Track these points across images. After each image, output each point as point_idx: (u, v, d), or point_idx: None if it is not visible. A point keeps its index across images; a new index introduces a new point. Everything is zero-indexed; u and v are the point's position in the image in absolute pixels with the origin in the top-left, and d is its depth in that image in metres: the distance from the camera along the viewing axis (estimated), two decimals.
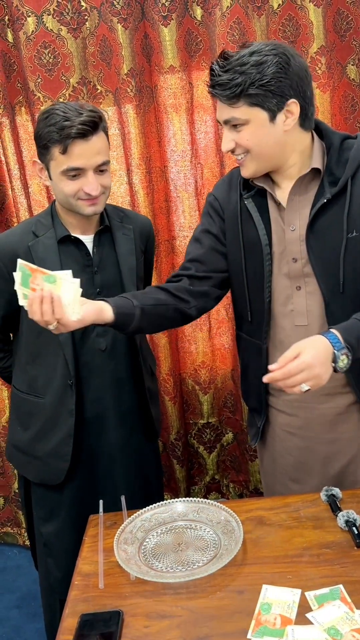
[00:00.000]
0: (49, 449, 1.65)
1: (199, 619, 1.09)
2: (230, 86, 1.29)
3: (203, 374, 2.64)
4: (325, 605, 1.09)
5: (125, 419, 1.71)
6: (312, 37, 2.23)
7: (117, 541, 1.26)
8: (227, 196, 1.54)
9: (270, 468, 1.67)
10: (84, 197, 1.53)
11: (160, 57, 2.27)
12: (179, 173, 2.43)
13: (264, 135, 1.35)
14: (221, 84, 1.30)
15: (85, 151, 1.48)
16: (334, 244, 1.40)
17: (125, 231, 1.70)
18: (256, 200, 1.47)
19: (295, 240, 1.44)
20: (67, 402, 1.62)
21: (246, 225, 1.49)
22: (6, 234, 1.66)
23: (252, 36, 2.24)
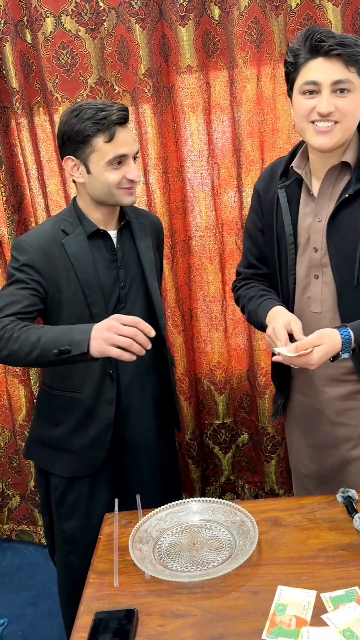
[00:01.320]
0: (87, 441, 1.65)
1: (213, 619, 1.09)
2: (353, 49, 1.33)
3: (219, 374, 2.63)
4: (341, 607, 1.08)
5: (152, 409, 1.73)
6: None
7: (132, 540, 1.27)
8: (268, 187, 1.61)
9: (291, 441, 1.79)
10: (126, 185, 1.56)
11: (177, 57, 2.27)
12: (196, 173, 2.43)
13: (356, 110, 1.40)
14: (348, 44, 1.33)
15: (127, 138, 1.54)
16: (353, 237, 1.45)
17: (141, 227, 1.73)
18: (290, 191, 1.55)
19: (319, 231, 1.50)
20: (106, 392, 1.64)
21: (279, 214, 1.57)
22: (38, 232, 1.67)
23: (270, 36, 2.23)
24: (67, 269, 1.59)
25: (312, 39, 1.35)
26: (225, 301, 2.56)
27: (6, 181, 2.41)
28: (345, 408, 1.58)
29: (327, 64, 1.35)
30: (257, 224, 1.66)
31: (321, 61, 1.35)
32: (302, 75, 1.40)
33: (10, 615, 2.32)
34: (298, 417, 1.72)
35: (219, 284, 2.54)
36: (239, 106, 2.31)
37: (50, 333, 1.41)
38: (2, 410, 2.73)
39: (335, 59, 1.34)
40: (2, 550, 2.77)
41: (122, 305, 1.65)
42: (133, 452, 1.71)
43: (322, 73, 1.36)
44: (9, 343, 1.43)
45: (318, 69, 1.36)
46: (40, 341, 1.39)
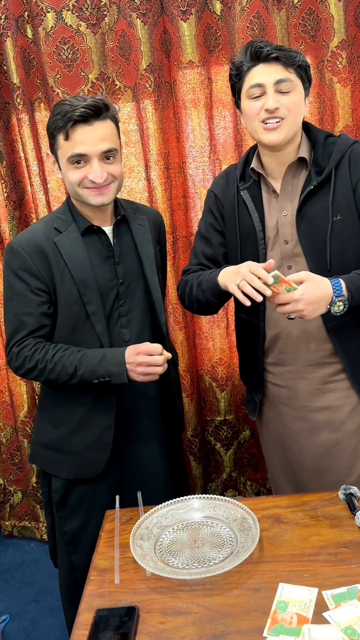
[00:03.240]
0: (88, 442, 1.63)
1: (214, 616, 1.09)
2: (291, 53, 1.51)
3: (220, 371, 2.63)
4: (342, 605, 1.08)
5: (154, 408, 1.72)
6: (332, 31, 2.20)
7: (133, 537, 1.26)
8: (225, 191, 1.71)
9: (269, 439, 1.82)
10: (89, 185, 1.52)
11: (179, 52, 2.26)
12: (198, 169, 2.42)
13: (299, 107, 1.55)
14: (284, 49, 1.51)
15: (88, 136, 1.47)
16: (321, 226, 1.56)
17: (140, 221, 1.71)
18: (251, 191, 1.65)
19: (287, 224, 1.60)
20: (107, 393, 1.61)
21: (242, 215, 1.66)
22: (30, 232, 1.65)
23: (272, 31, 2.22)
24: (60, 268, 1.57)
25: (252, 48, 1.52)
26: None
27: (7, 177, 2.40)
28: (324, 390, 1.63)
29: (268, 67, 1.51)
30: (215, 225, 1.73)
31: (262, 66, 1.52)
32: (247, 81, 1.55)
33: (12, 612, 2.32)
34: (273, 409, 1.75)
35: None
36: None
37: (86, 363, 1.53)
38: (4, 406, 2.73)
39: (275, 62, 1.51)
40: (4, 546, 2.77)
41: (122, 302, 1.63)
42: (136, 452, 1.69)
43: (264, 75, 1.51)
44: (45, 373, 1.56)
45: (261, 73, 1.52)
46: (77, 372, 1.53)
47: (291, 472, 1.73)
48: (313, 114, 2.32)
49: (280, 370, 1.71)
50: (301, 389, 1.67)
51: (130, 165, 2.38)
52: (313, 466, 1.66)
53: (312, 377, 1.65)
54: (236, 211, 1.66)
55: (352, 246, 1.57)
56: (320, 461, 1.65)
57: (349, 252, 1.56)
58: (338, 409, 1.63)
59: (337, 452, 1.63)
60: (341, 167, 1.57)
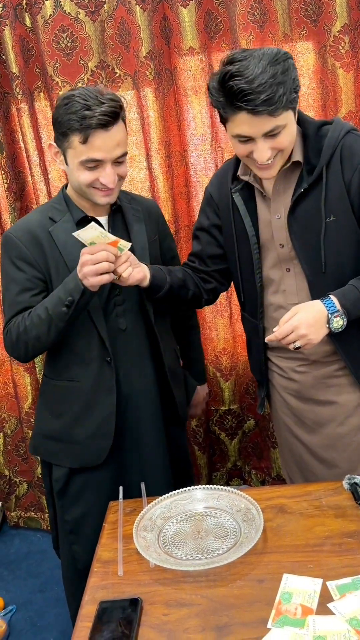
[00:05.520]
0: (90, 431, 1.63)
1: (218, 608, 1.08)
2: (275, 101, 1.30)
3: (224, 361, 2.62)
4: (347, 596, 1.07)
5: (154, 395, 1.72)
6: (335, 16, 2.17)
7: (137, 528, 1.26)
8: (220, 191, 1.65)
9: (279, 429, 1.81)
10: (99, 187, 1.53)
11: (179, 38, 2.23)
12: (199, 157, 2.39)
13: (292, 135, 1.42)
14: (266, 101, 1.30)
15: (106, 143, 1.47)
16: (314, 228, 1.49)
17: (134, 212, 1.70)
18: (243, 193, 1.58)
19: (281, 228, 1.54)
20: (106, 380, 1.62)
21: (237, 217, 1.60)
22: (25, 221, 1.66)
23: (274, 15, 2.19)
24: (55, 258, 1.58)
25: (231, 96, 1.31)
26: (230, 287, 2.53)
27: (7, 168, 2.39)
28: (330, 385, 1.61)
29: (254, 119, 1.33)
30: (204, 224, 1.70)
31: (246, 117, 1.33)
32: (231, 125, 1.39)
33: (19, 602, 2.33)
34: (279, 400, 1.74)
35: None
36: None
37: (51, 299, 1.52)
38: (8, 398, 2.73)
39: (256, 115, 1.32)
40: (10, 537, 2.79)
41: (117, 291, 1.63)
42: (137, 440, 1.70)
43: (251, 127, 1.35)
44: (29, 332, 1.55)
45: (246, 124, 1.35)
46: (49, 311, 1.51)
47: (301, 462, 1.72)
48: (316, 100, 2.29)
49: (285, 364, 1.68)
50: (306, 381, 1.64)
51: (132, 155, 2.36)
52: (320, 458, 1.65)
53: (315, 373, 1.62)
54: (231, 213, 1.61)
55: (348, 247, 1.49)
56: (326, 453, 1.64)
57: (345, 253, 1.49)
58: (343, 403, 1.61)
59: (342, 445, 1.61)
60: (332, 163, 1.46)
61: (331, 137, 1.47)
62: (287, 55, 1.35)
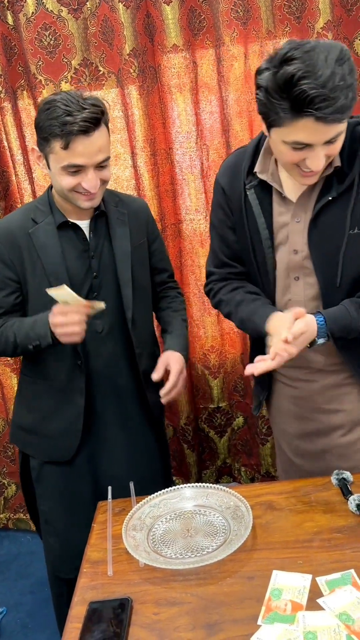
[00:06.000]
0: (60, 428, 1.67)
1: (208, 606, 1.08)
2: (348, 107, 1.17)
3: (212, 359, 2.62)
4: (337, 591, 1.07)
5: (123, 399, 1.73)
6: (318, 12, 2.17)
7: (126, 528, 1.25)
8: (232, 183, 1.50)
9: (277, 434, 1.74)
10: (82, 191, 1.53)
11: (163, 36, 2.22)
12: (184, 155, 2.39)
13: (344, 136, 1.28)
14: (340, 108, 1.15)
15: (87, 148, 1.47)
16: (336, 239, 1.39)
17: (119, 216, 1.70)
18: (258, 191, 1.44)
19: (299, 233, 1.43)
20: (76, 382, 1.65)
21: (250, 215, 1.47)
22: (6, 221, 1.66)
23: (257, 12, 2.19)
24: (33, 260, 1.59)
25: (299, 101, 1.14)
26: None
27: None
28: (338, 394, 1.55)
29: (321, 126, 1.17)
30: (226, 222, 1.54)
31: (312, 124, 1.16)
32: (286, 131, 1.21)
33: (9, 604, 2.32)
34: (285, 407, 1.66)
35: None
36: (226, 85, 2.27)
37: (21, 331, 1.57)
38: None
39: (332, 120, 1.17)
40: (0, 539, 2.77)
41: (95, 294, 1.64)
42: (108, 440, 1.72)
43: (314, 135, 1.19)
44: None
45: (310, 131, 1.18)
46: (17, 340, 1.57)
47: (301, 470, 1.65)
48: None
49: (291, 372, 1.60)
50: (312, 390, 1.57)
51: (117, 153, 2.35)
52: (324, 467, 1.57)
53: (322, 382, 1.56)
54: (244, 210, 1.46)
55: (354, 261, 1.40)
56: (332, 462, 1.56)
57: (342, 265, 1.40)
58: (352, 411, 1.55)
59: (351, 453, 1.55)
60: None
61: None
62: (348, 53, 1.18)
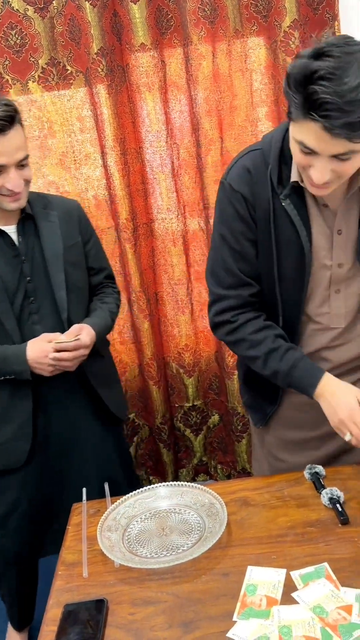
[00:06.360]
0: (9, 434, 1.66)
1: (184, 604, 1.08)
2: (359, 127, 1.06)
3: (187, 357, 2.62)
4: (311, 584, 1.08)
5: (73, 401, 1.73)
6: (284, 11, 2.19)
7: (101, 529, 1.25)
8: (255, 192, 1.32)
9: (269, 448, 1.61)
10: (6, 193, 1.52)
11: (130, 35, 2.22)
12: (155, 154, 2.39)
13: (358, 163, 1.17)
14: (349, 125, 1.04)
15: (5, 147, 1.47)
16: None
17: (49, 217, 1.68)
18: (294, 200, 1.30)
19: (343, 245, 1.33)
20: (21, 387, 1.64)
21: (281, 226, 1.31)
22: None
23: (224, 11, 2.19)
24: None
25: (310, 102, 1.05)
26: (191, 284, 2.54)
27: None
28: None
29: (327, 136, 1.08)
30: (246, 234, 1.35)
31: (318, 130, 1.08)
32: (297, 128, 1.13)
33: None
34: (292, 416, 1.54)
35: (183, 267, 2.51)
36: (195, 84, 2.27)
37: None
38: None
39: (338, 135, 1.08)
40: None
41: (32, 299, 1.63)
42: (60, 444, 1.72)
43: (319, 143, 1.10)
44: None
45: (315, 136, 1.10)
46: None
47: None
48: (268, 95, 2.31)
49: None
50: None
51: (86, 153, 2.34)
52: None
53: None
54: (273, 221, 1.31)
55: None
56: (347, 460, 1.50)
57: None
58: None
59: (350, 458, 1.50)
60: None
61: None
62: None
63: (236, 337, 1.41)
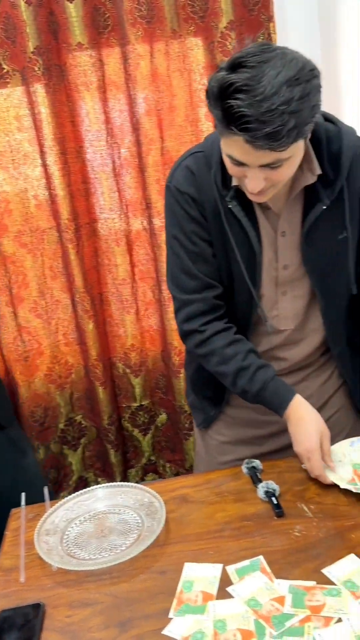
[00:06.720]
0: None
1: (121, 604, 1.08)
2: (282, 136, 1.03)
3: (133, 357, 2.62)
4: (246, 578, 1.10)
5: None
6: (221, 12, 2.21)
7: (38, 533, 1.24)
8: (202, 193, 1.30)
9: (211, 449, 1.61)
10: None
11: (67, 34, 2.20)
12: (95, 153, 2.38)
13: (297, 162, 1.17)
14: (270, 135, 1.02)
15: None
16: (329, 247, 1.33)
17: None
18: (241, 202, 1.27)
19: (288, 246, 1.33)
20: None
21: (231, 229, 1.30)
22: None
23: (161, 12, 2.20)
24: None
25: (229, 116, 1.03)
26: (135, 283, 2.54)
27: None
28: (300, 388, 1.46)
29: (252, 148, 1.06)
30: (200, 234, 1.32)
31: (243, 143, 1.06)
32: (224, 141, 1.13)
33: None
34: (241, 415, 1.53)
35: (127, 267, 2.51)
36: (134, 84, 2.27)
37: None
38: None
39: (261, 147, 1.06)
40: None
41: None
42: None
43: (245, 155, 1.10)
44: None
45: (240, 149, 1.09)
46: None
47: None
48: None
49: None
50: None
51: (25, 152, 2.31)
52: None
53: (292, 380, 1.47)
54: (224, 223, 1.29)
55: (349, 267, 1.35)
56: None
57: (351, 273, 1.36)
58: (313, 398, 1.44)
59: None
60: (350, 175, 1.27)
61: (348, 144, 1.25)
62: (312, 74, 1.05)
63: (206, 350, 1.37)
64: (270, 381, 1.33)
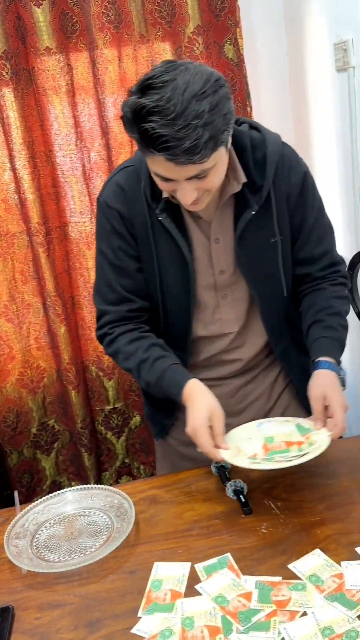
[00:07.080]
0: None
1: (90, 604, 1.09)
2: (200, 148, 1.06)
3: (106, 360, 2.62)
4: (214, 575, 1.11)
5: None
6: (188, 17, 2.24)
7: (8, 537, 1.24)
8: (130, 207, 1.34)
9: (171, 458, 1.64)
10: None
11: (35, 38, 2.20)
12: (65, 157, 2.38)
13: (224, 168, 1.21)
14: (189, 150, 1.06)
15: None
16: (261, 250, 1.37)
17: None
18: (170, 213, 1.31)
19: (222, 252, 1.36)
20: None
21: (160, 240, 1.34)
22: None
23: (128, 16, 2.22)
24: None
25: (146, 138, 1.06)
26: None
27: None
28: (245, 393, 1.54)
29: (174, 165, 1.09)
30: (126, 250, 1.36)
31: (164, 161, 1.09)
32: (148, 160, 1.16)
33: None
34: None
35: None
36: (103, 88, 2.28)
37: None
38: None
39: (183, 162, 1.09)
40: None
41: None
42: None
43: (170, 172, 1.13)
44: None
45: (164, 167, 1.12)
46: None
47: None
48: None
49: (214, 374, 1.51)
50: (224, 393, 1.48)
51: None
52: None
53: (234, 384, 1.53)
54: (151, 236, 1.33)
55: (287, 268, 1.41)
56: None
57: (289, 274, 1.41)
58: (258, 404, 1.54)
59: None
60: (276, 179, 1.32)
61: (272, 150, 1.30)
62: (218, 84, 1.08)
63: (113, 349, 1.42)
64: (167, 369, 1.35)
